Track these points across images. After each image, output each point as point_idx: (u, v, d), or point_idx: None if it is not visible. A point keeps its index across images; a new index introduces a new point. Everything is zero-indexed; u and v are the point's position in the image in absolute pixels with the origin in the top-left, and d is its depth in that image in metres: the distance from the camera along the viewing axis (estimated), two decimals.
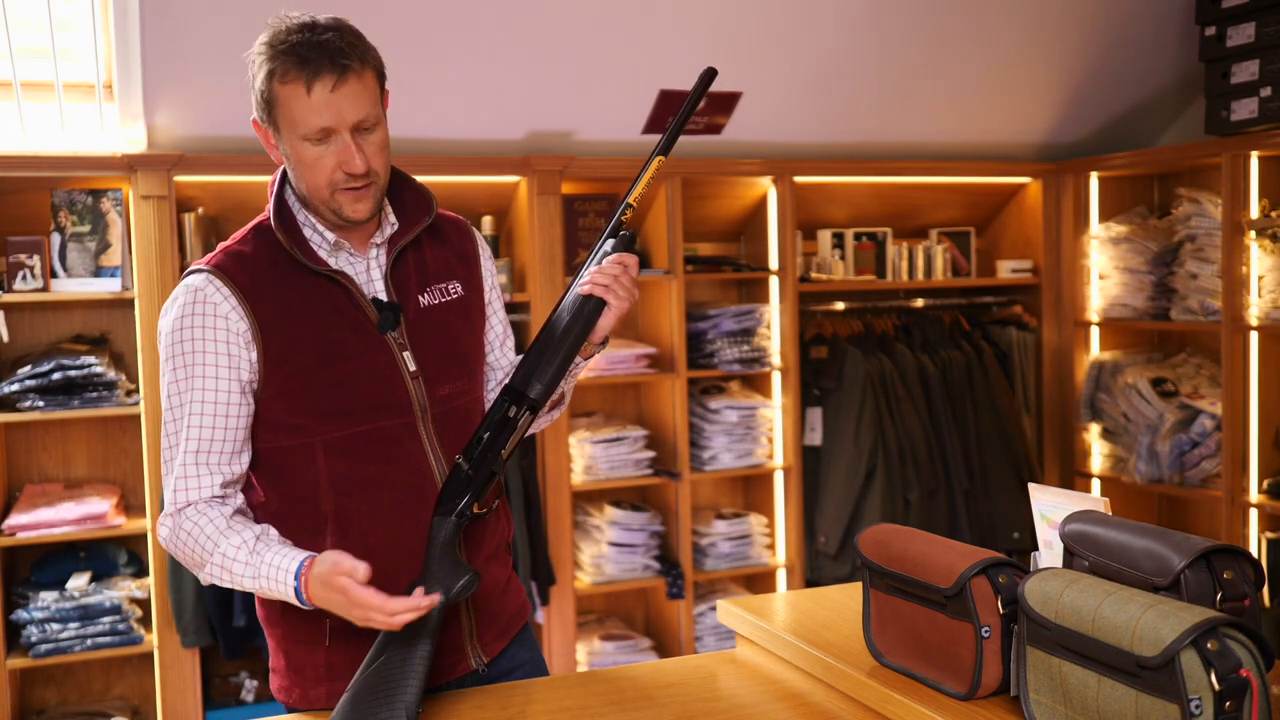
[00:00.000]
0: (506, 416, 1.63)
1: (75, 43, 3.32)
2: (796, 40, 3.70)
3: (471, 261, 1.82)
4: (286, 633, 1.70)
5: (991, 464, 4.25)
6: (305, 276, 1.64)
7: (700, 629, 4.03)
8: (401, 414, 1.66)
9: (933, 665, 1.44)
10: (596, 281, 1.65)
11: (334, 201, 1.62)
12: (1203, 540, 1.27)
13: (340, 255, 1.68)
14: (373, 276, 1.70)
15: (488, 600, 1.77)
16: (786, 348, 4.07)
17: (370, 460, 1.64)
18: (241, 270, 1.62)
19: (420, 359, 1.68)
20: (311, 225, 1.67)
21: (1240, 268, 3.81)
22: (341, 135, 1.57)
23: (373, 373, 1.64)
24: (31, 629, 3.24)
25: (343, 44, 1.56)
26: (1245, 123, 3.75)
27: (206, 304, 1.60)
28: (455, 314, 1.76)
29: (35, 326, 3.51)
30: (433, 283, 1.74)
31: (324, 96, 1.55)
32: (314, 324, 1.63)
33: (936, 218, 4.58)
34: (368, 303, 1.66)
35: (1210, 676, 1.08)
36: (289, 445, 1.64)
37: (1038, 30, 3.98)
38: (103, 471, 3.59)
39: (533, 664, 1.85)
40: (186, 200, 3.50)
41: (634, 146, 3.88)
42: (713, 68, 1.65)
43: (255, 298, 1.61)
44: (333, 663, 1.67)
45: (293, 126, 1.57)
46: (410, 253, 1.73)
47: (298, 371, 1.61)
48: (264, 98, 1.58)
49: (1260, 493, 3.85)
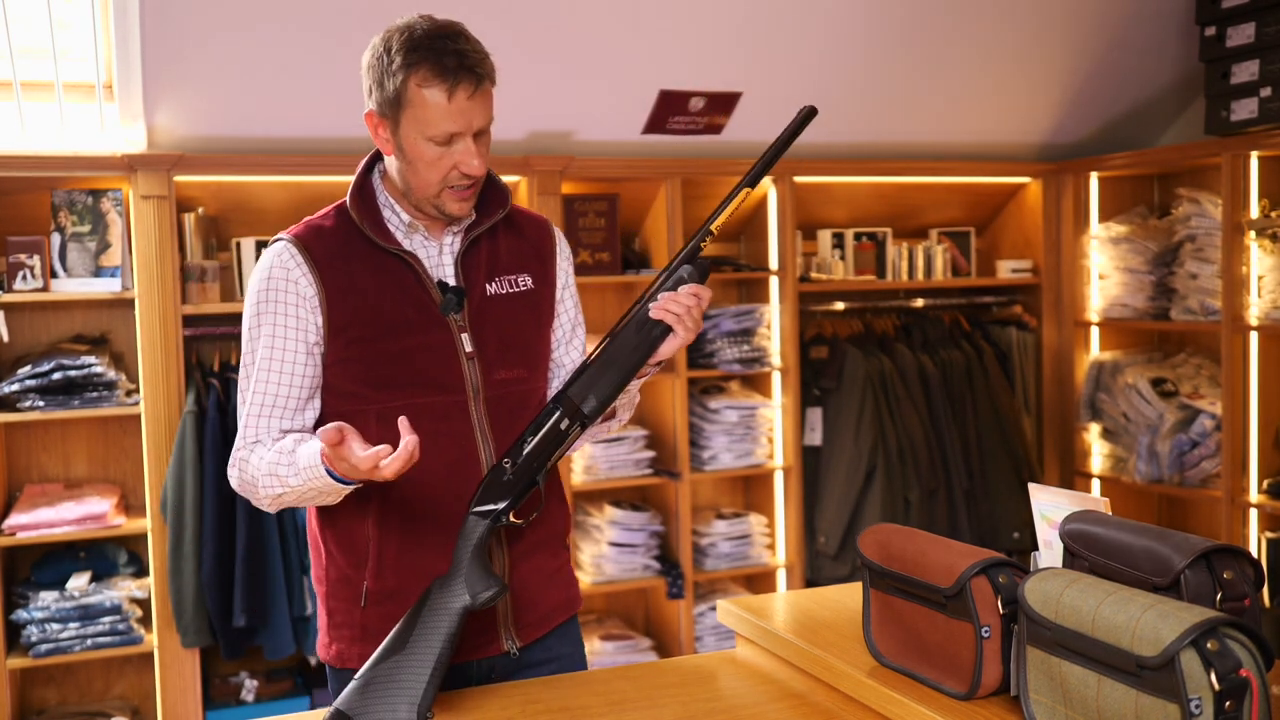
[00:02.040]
0: (558, 429, 1.65)
1: (75, 43, 3.32)
2: (796, 40, 3.70)
3: (547, 259, 1.88)
4: (328, 591, 1.78)
5: (991, 464, 4.25)
6: (377, 254, 1.74)
7: (700, 629, 4.03)
8: (453, 392, 1.73)
9: (933, 665, 1.44)
10: (669, 309, 1.67)
11: (440, 200, 1.72)
12: (1203, 540, 1.26)
13: (415, 237, 1.77)
14: (444, 261, 1.78)
15: (525, 588, 1.80)
16: (786, 348, 4.07)
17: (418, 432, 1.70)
18: (317, 241, 1.73)
19: (479, 342, 1.75)
20: (391, 207, 1.77)
21: (1240, 268, 3.81)
22: (465, 140, 1.67)
23: (429, 350, 1.72)
24: (31, 629, 3.24)
25: (476, 53, 1.66)
26: (1245, 123, 3.75)
27: (282, 269, 1.71)
28: (521, 305, 1.82)
29: (35, 326, 3.51)
30: (502, 273, 1.82)
31: (461, 104, 1.64)
32: (378, 298, 1.72)
33: (936, 218, 4.58)
34: (433, 284, 1.74)
35: (1210, 676, 1.08)
36: (345, 410, 1.72)
37: (1038, 30, 3.98)
38: (103, 471, 3.59)
39: (569, 660, 1.88)
40: (186, 200, 3.50)
41: (634, 146, 3.88)
42: (813, 107, 1.68)
43: (326, 267, 1.71)
44: (367, 624, 1.74)
45: (421, 127, 1.65)
46: (484, 242, 1.81)
47: (357, 341, 1.70)
48: (394, 94, 1.65)
49: (1260, 493, 3.85)
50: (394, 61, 1.64)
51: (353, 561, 1.75)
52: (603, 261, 3.90)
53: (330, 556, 1.77)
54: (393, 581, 1.73)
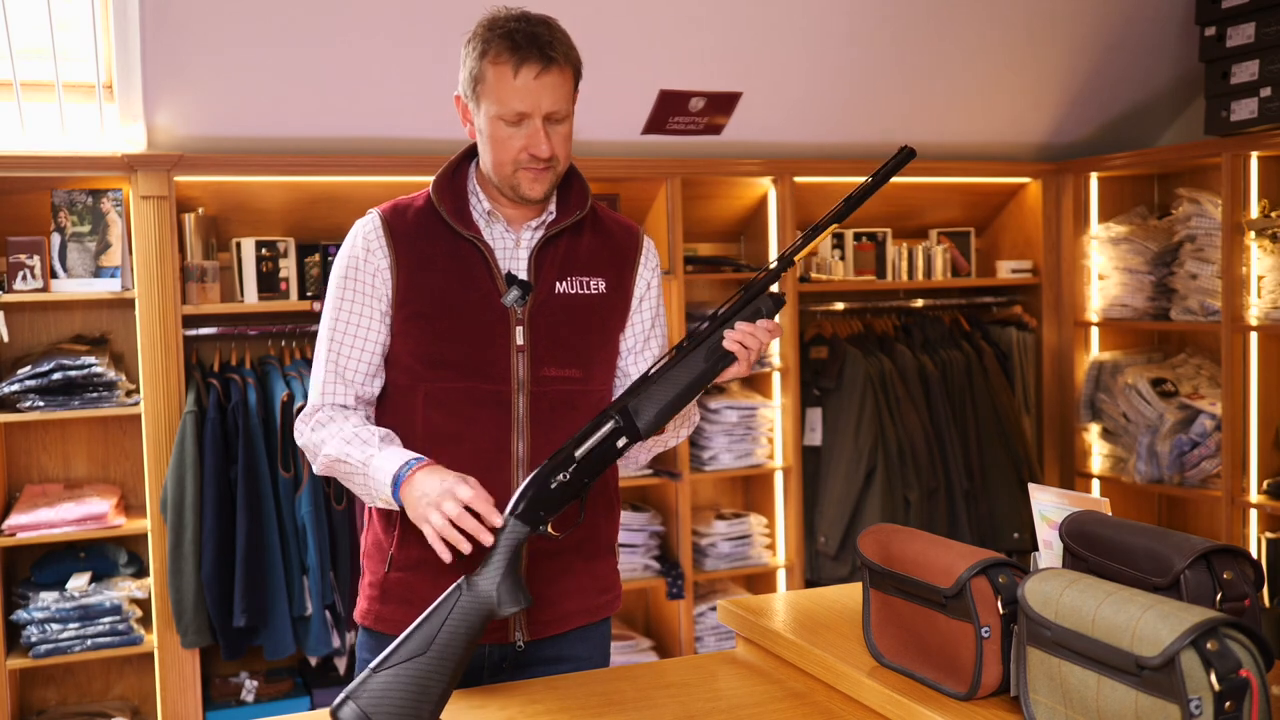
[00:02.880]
0: (612, 443, 1.61)
1: (75, 43, 3.32)
2: (796, 40, 3.70)
3: (627, 266, 1.91)
4: (366, 551, 1.88)
5: (991, 464, 4.25)
6: (453, 238, 1.80)
7: (700, 629, 4.03)
8: (499, 381, 1.77)
9: (933, 665, 1.44)
10: (745, 343, 1.68)
11: (514, 179, 1.76)
12: (1203, 540, 1.27)
13: (495, 227, 1.83)
14: (519, 254, 1.82)
15: (551, 585, 1.81)
16: (786, 348, 4.07)
17: (459, 416, 1.77)
18: (399, 217, 1.82)
19: (533, 338, 1.78)
20: (476, 194, 1.83)
21: (1240, 268, 3.81)
22: (534, 120, 1.72)
23: (482, 337, 1.77)
24: (31, 629, 3.24)
25: (552, 38, 1.74)
26: (1245, 123, 3.75)
27: (365, 240, 1.80)
28: (589, 308, 1.84)
29: (35, 326, 3.51)
30: (576, 274, 1.84)
31: (527, 82, 1.70)
32: (444, 277, 1.78)
33: (936, 218, 4.58)
34: (500, 275, 1.79)
35: (1210, 677, 1.08)
36: (400, 384, 1.81)
37: (1038, 31, 3.98)
38: (103, 471, 3.59)
39: (587, 663, 1.87)
40: (186, 200, 3.50)
41: (634, 146, 3.88)
42: (911, 149, 1.73)
43: (402, 242, 1.79)
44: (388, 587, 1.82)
45: (493, 104, 1.72)
46: (565, 240, 1.85)
47: (417, 315, 1.77)
48: (473, 74, 1.74)
49: (1260, 493, 3.85)
50: (476, 42, 1.73)
51: (385, 527, 1.83)
52: None
53: (371, 521, 1.87)
54: (415, 552, 1.77)
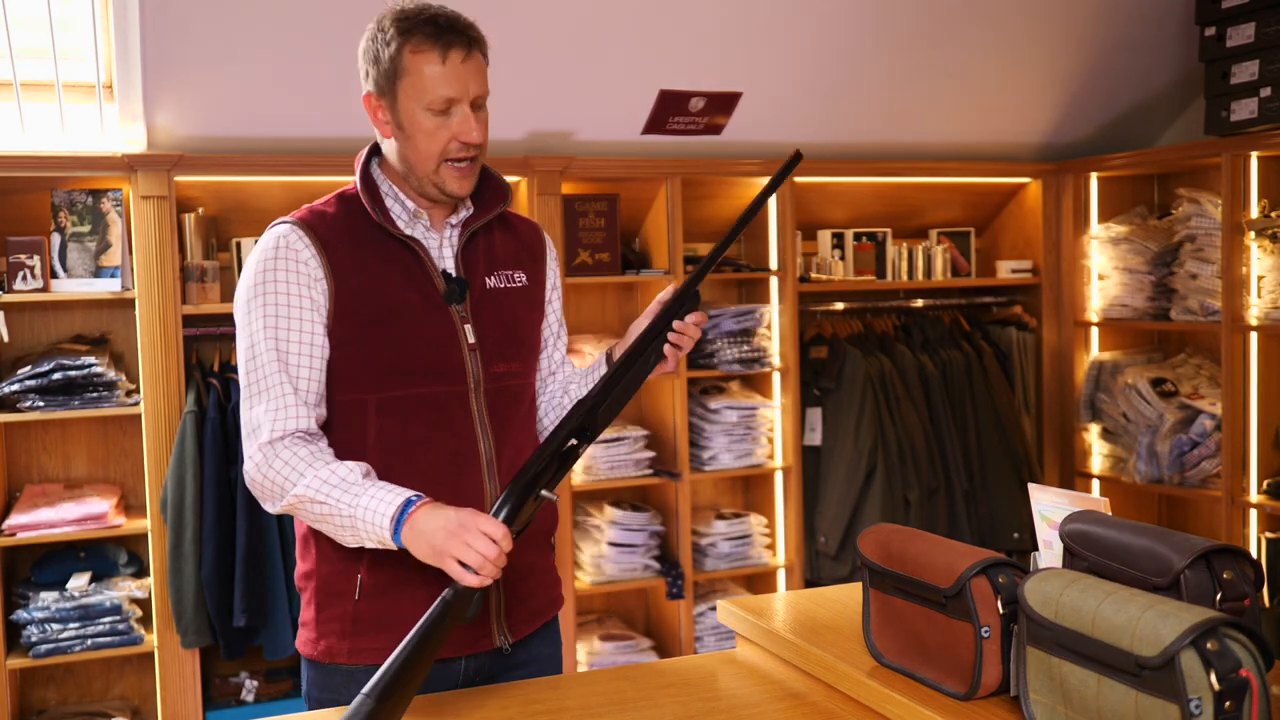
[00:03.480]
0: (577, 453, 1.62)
1: (75, 43, 3.32)
2: (796, 40, 3.70)
3: (538, 259, 1.91)
4: (319, 585, 1.75)
5: (991, 464, 4.25)
6: (382, 239, 1.74)
7: (700, 629, 4.03)
8: (455, 383, 1.73)
9: (932, 665, 1.44)
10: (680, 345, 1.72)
11: (438, 175, 1.71)
12: (1203, 540, 1.26)
13: (417, 227, 1.77)
14: (444, 253, 1.79)
15: (522, 583, 1.80)
16: (786, 348, 4.07)
17: (419, 423, 1.72)
18: (321, 224, 1.72)
19: (480, 334, 1.76)
20: (394, 196, 1.77)
21: (1240, 268, 3.81)
22: (463, 106, 1.68)
23: (433, 339, 1.72)
24: (31, 629, 3.24)
25: (467, 23, 1.69)
26: (1245, 123, 3.75)
27: (290, 249, 1.68)
28: (518, 300, 1.84)
29: (35, 326, 3.51)
30: (500, 268, 1.83)
31: (455, 67, 1.66)
32: (384, 283, 1.71)
33: (936, 218, 4.58)
34: (438, 273, 1.75)
35: (1210, 676, 1.08)
36: (345, 400, 1.71)
37: (1037, 31, 3.98)
38: (103, 471, 3.59)
39: (549, 661, 1.87)
40: (186, 200, 3.50)
41: (634, 146, 3.88)
42: (799, 153, 1.76)
43: (332, 249, 1.70)
44: (360, 617, 1.72)
45: (418, 95, 1.66)
46: (482, 237, 1.83)
47: (362, 324, 1.69)
48: (389, 68, 1.67)
49: (1260, 493, 3.85)
50: (388, 35, 1.67)
51: (348, 554, 1.71)
52: (603, 262, 3.90)
53: (322, 551, 1.74)
54: (387, 575, 1.71)
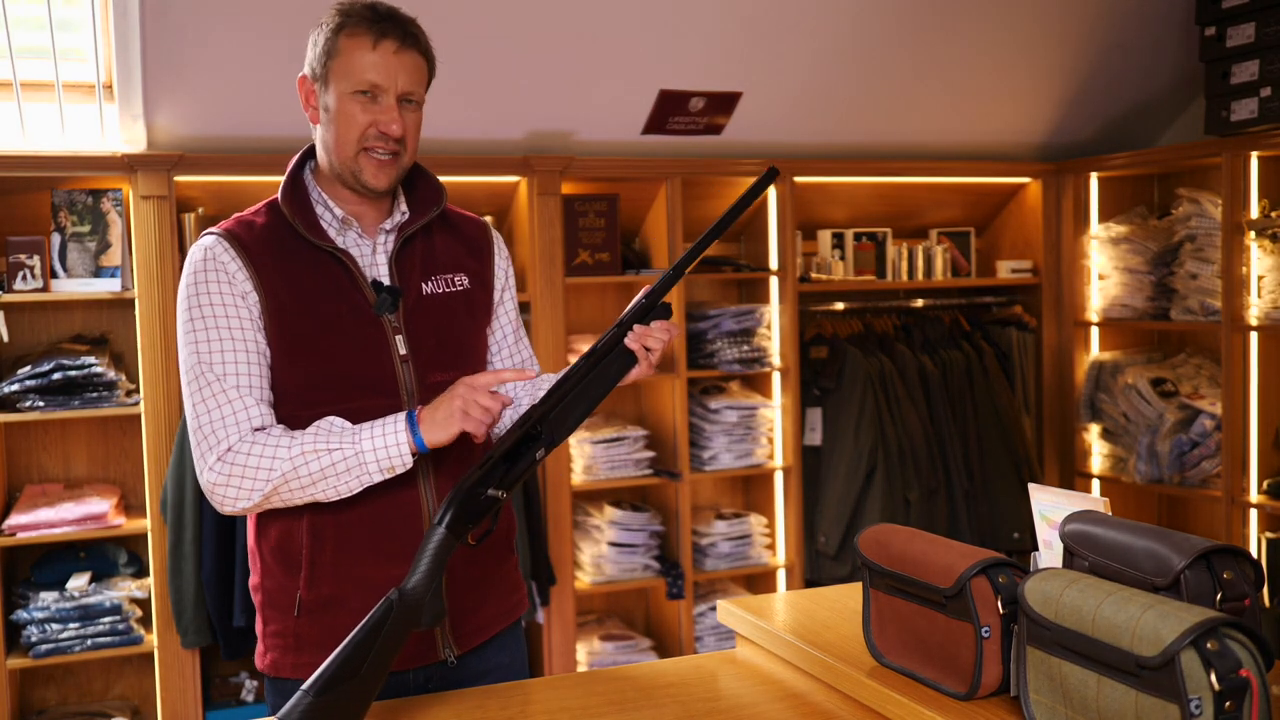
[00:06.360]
0: (535, 458, 1.56)
1: (75, 43, 3.32)
2: (796, 40, 3.70)
3: (484, 259, 1.85)
4: (264, 599, 1.74)
5: (991, 464, 4.25)
6: (309, 251, 1.69)
7: (700, 629, 4.03)
8: (388, 395, 1.69)
9: (933, 665, 1.44)
10: (648, 345, 1.63)
11: (356, 164, 1.68)
12: (1203, 540, 1.26)
13: (348, 235, 1.73)
14: (378, 260, 1.74)
15: (469, 594, 1.76)
16: (786, 348, 4.07)
17: None
18: (248, 234, 1.68)
19: (413, 344, 1.71)
20: (324, 203, 1.72)
21: (1240, 268, 3.81)
22: (388, 96, 1.66)
23: (363, 352, 1.68)
24: (31, 629, 3.24)
25: (409, 18, 1.70)
26: (1245, 123, 3.75)
27: (216, 262, 1.65)
28: (458, 305, 1.78)
29: (35, 326, 3.51)
30: (439, 272, 1.78)
31: (385, 55, 1.65)
32: (311, 296, 1.67)
33: (936, 218, 4.58)
34: (367, 283, 1.71)
35: (1210, 676, 1.08)
36: (279, 415, 1.67)
37: (1038, 30, 3.98)
38: (103, 471, 3.59)
39: (508, 670, 1.83)
40: (186, 200, 3.50)
41: (634, 146, 3.88)
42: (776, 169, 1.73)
43: (259, 262, 1.66)
44: (301, 632, 1.70)
45: (345, 77, 1.65)
46: (419, 241, 1.77)
47: (290, 338, 1.65)
48: (324, 49, 1.67)
49: (1260, 493, 3.85)
50: (330, 21, 1.68)
51: (287, 570, 1.69)
52: (603, 262, 3.89)
53: (266, 565, 1.73)
54: (327, 590, 1.68)
